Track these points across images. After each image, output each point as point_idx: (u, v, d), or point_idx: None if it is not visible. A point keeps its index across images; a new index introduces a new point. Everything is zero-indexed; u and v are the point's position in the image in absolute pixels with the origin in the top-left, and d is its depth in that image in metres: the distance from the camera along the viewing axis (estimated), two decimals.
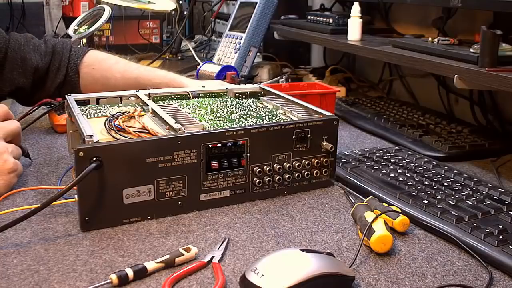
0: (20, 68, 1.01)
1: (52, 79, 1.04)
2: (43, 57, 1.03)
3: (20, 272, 0.55)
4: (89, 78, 1.06)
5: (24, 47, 1.02)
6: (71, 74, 1.05)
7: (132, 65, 1.10)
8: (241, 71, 1.43)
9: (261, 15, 1.46)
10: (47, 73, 1.04)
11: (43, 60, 1.03)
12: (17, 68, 1.01)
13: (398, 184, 0.76)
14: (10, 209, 0.66)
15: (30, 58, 1.02)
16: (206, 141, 0.68)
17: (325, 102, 1.03)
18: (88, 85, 1.06)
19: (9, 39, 1.02)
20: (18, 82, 1.02)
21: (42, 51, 1.04)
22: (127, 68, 1.08)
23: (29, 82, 1.03)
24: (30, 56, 1.02)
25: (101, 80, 1.06)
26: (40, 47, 1.04)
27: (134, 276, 0.54)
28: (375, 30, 1.36)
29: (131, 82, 1.04)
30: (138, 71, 1.08)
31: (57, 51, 1.05)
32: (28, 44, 1.03)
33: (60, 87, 1.05)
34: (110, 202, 0.64)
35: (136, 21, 1.94)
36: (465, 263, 0.59)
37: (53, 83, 1.04)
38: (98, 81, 1.06)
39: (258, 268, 0.51)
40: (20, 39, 1.03)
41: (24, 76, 1.02)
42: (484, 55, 0.83)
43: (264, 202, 0.73)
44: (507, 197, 0.71)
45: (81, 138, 0.66)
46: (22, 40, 1.03)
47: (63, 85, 1.05)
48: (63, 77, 1.05)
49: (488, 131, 1.09)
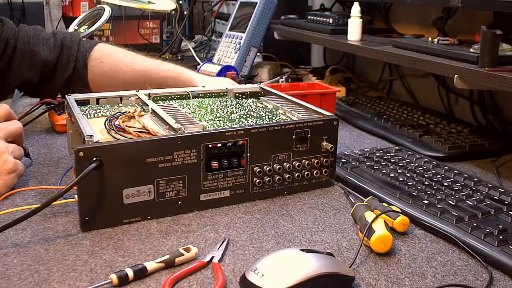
0: (28, 61, 1.01)
1: (61, 73, 1.04)
2: (52, 51, 1.03)
3: (20, 272, 0.55)
4: (97, 71, 1.06)
5: (33, 40, 1.02)
6: (80, 68, 1.05)
7: (140, 59, 1.10)
8: (241, 71, 1.43)
9: (261, 15, 1.46)
10: (55, 67, 1.04)
11: (52, 54, 1.03)
12: (26, 62, 1.01)
13: (398, 184, 0.76)
14: (10, 209, 0.66)
15: (39, 52, 1.01)
16: (206, 141, 0.68)
17: (325, 102, 1.03)
18: (96, 78, 1.06)
19: (19, 32, 1.02)
20: (27, 75, 1.01)
21: (51, 44, 1.04)
22: (135, 61, 1.08)
23: (37, 75, 1.02)
24: (39, 49, 1.01)
25: (109, 73, 1.06)
26: (49, 41, 1.04)
27: (134, 276, 0.54)
28: (375, 30, 1.36)
29: (139, 75, 1.04)
30: (146, 64, 1.08)
31: (66, 45, 1.05)
32: (37, 37, 1.03)
33: (69, 81, 1.05)
34: (110, 202, 0.64)
35: (136, 21, 1.95)
36: (465, 263, 0.59)
37: (62, 77, 1.04)
38: (106, 74, 1.06)
39: (258, 268, 0.51)
40: (29, 32, 1.03)
41: (32, 70, 1.01)
42: (484, 55, 0.83)
43: (264, 202, 0.73)
44: (507, 197, 0.71)
45: (81, 138, 0.66)
46: (31, 33, 1.03)
47: (72, 78, 1.05)
48: (71, 71, 1.04)
49: (488, 131, 1.10)
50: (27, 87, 1.06)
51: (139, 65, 1.07)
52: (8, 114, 0.78)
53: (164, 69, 1.08)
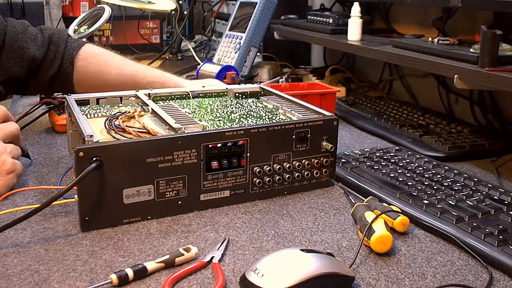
0: (17, 57, 0.99)
1: (47, 69, 1.02)
2: (40, 47, 1.01)
3: (20, 272, 0.55)
4: (84, 71, 1.04)
5: (22, 35, 1.00)
6: (66, 66, 1.03)
7: (128, 62, 1.09)
8: (241, 71, 1.43)
9: (261, 15, 1.46)
10: (42, 63, 1.02)
11: (40, 50, 1.01)
12: (14, 57, 0.99)
13: (398, 184, 0.76)
14: (10, 209, 0.66)
15: (27, 47, 1.00)
16: (206, 141, 0.68)
17: (325, 102, 1.03)
18: (81, 78, 1.04)
19: (7, 26, 1.00)
20: (14, 71, 0.99)
21: (39, 41, 1.02)
22: (123, 64, 1.07)
23: (24, 71, 1.00)
24: (27, 45, 1.00)
25: (96, 74, 1.04)
26: (37, 37, 1.02)
27: (134, 276, 0.54)
28: (375, 30, 1.36)
29: (127, 78, 1.03)
30: (134, 68, 1.07)
31: (54, 42, 1.03)
32: (25, 32, 1.01)
33: (53, 79, 1.03)
34: (110, 202, 0.64)
35: (136, 21, 1.94)
36: (465, 263, 0.59)
37: (47, 73, 1.02)
38: (93, 76, 1.04)
39: (258, 268, 0.51)
40: (18, 26, 1.01)
41: (20, 66, 1.00)
42: (484, 55, 0.83)
43: (264, 202, 0.73)
44: (507, 197, 0.71)
45: (81, 138, 0.66)
46: (20, 28, 1.01)
47: (56, 76, 1.03)
48: (57, 69, 1.02)
49: (488, 131, 1.10)
50: (13, 83, 1.03)
51: (127, 69, 1.06)
52: (5, 116, 0.78)
53: (152, 74, 1.07)
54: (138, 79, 1.03)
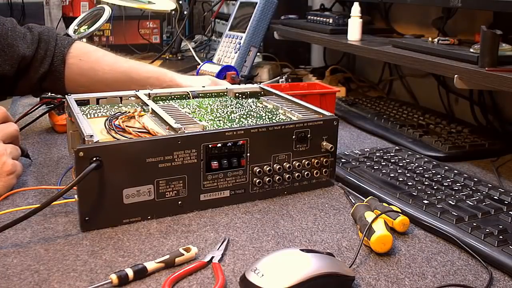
0: (6, 55, 0.96)
1: (37, 68, 0.99)
2: (29, 45, 0.98)
3: (20, 272, 0.55)
4: (76, 69, 1.01)
5: (11, 33, 0.97)
6: (57, 64, 1.00)
7: (121, 59, 1.06)
8: (241, 71, 1.43)
9: (261, 15, 1.46)
10: (32, 62, 0.99)
11: (30, 48, 0.98)
12: (3, 55, 0.96)
13: (398, 184, 0.76)
14: (10, 209, 0.66)
15: (17, 46, 0.96)
16: (206, 141, 0.68)
17: (325, 102, 1.03)
18: (73, 76, 1.01)
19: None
20: (3, 69, 0.96)
21: (29, 39, 0.99)
22: (117, 61, 1.04)
23: (13, 70, 0.97)
24: (17, 43, 0.97)
25: (89, 72, 1.01)
26: (26, 35, 0.99)
27: (134, 276, 0.54)
28: (375, 30, 1.36)
29: (120, 75, 1.01)
30: (128, 64, 1.04)
31: (44, 40, 1.00)
32: (14, 30, 0.98)
33: (44, 78, 0.99)
34: (110, 202, 0.64)
35: (136, 21, 1.94)
36: (465, 263, 0.59)
37: (37, 72, 0.99)
38: (86, 73, 1.01)
39: (258, 268, 0.51)
40: (7, 23, 0.98)
41: (9, 64, 0.96)
42: (484, 55, 0.83)
43: (264, 202, 0.73)
44: (507, 197, 0.71)
45: (81, 138, 0.66)
46: (9, 25, 0.98)
47: (47, 75, 1.00)
48: (47, 67, 0.99)
49: (488, 131, 1.10)
50: (2, 83, 0.99)
51: (121, 65, 1.03)
52: (5, 117, 0.78)
53: (147, 69, 1.05)
54: (133, 75, 1.01)
